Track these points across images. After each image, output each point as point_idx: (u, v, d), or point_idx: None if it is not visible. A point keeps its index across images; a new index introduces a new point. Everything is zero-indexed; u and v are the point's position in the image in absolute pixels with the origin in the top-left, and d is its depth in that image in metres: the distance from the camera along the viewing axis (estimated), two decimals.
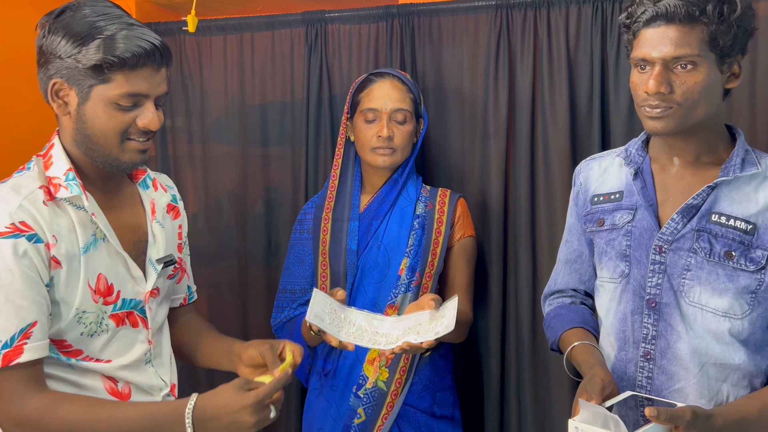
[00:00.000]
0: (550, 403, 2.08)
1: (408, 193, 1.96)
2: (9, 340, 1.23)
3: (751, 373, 1.41)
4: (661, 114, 1.38)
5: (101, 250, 1.35)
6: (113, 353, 1.38)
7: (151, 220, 1.48)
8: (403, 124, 1.90)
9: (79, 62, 1.26)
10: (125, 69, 1.27)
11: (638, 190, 1.49)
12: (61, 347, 1.32)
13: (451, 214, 1.95)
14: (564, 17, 2.01)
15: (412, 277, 1.88)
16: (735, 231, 1.39)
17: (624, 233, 1.50)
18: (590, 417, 1.25)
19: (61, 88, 1.30)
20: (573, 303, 1.69)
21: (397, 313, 1.85)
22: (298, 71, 2.28)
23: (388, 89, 1.90)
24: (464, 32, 2.12)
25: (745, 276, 1.38)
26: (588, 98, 2.01)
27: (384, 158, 1.90)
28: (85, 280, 1.32)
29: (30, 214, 1.27)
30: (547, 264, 2.05)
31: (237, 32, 2.32)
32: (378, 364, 1.85)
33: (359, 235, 1.94)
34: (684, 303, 1.42)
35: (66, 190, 1.31)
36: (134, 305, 1.41)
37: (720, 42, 1.33)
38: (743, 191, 1.41)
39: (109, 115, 1.30)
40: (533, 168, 2.07)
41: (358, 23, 2.20)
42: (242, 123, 2.35)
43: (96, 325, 1.34)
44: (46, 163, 1.36)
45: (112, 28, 1.27)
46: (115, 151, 1.33)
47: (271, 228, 2.36)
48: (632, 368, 1.47)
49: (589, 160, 1.67)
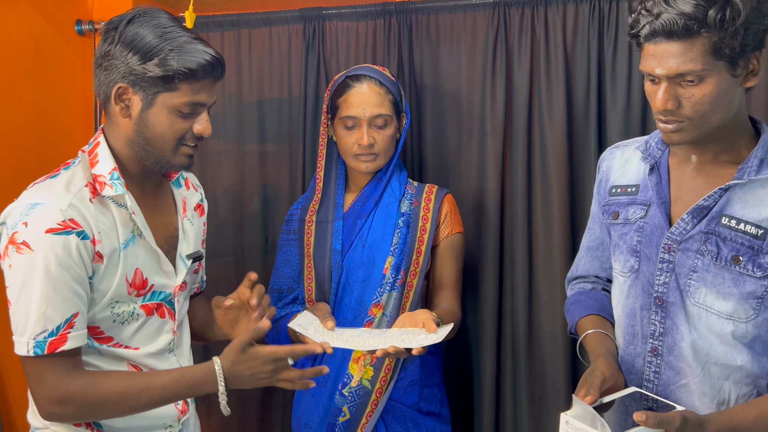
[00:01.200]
0: (545, 400, 2.09)
1: (392, 190, 1.94)
2: (55, 329, 1.33)
3: (755, 374, 1.39)
4: (674, 129, 1.34)
5: (138, 245, 1.45)
6: (141, 341, 1.48)
7: (182, 218, 1.58)
8: (384, 128, 1.87)
9: (148, 71, 1.36)
10: (191, 80, 1.38)
11: (653, 185, 1.47)
12: (94, 333, 1.42)
13: (437, 212, 1.92)
14: (561, 15, 2.02)
15: (397, 275, 1.87)
16: (744, 235, 1.35)
17: (636, 228, 1.49)
18: (581, 414, 1.26)
19: (126, 92, 1.39)
20: (594, 289, 1.69)
21: (382, 312, 1.85)
22: (295, 68, 2.28)
23: (366, 95, 1.86)
24: (462, 30, 2.12)
25: (752, 281, 1.35)
26: (585, 96, 2.02)
27: (367, 164, 1.89)
28: (123, 273, 1.42)
29: (79, 212, 1.36)
30: (544, 261, 2.06)
31: (234, 29, 2.32)
32: (363, 363, 1.85)
33: (343, 234, 1.93)
34: (689, 303, 1.40)
35: (111, 189, 1.40)
36: (164, 297, 1.51)
37: (726, 50, 1.25)
38: (758, 194, 1.35)
39: (171, 121, 1.40)
40: (530, 166, 2.08)
41: (356, 20, 2.20)
42: (239, 120, 2.35)
43: (128, 314, 1.45)
44: (91, 160, 1.45)
45: (180, 41, 1.37)
46: (168, 154, 1.44)
47: (267, 225, 2.36)
48: (640, 362, 1.47)
49: (613, 148, 1.64)
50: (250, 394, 2.40)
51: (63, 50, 2.27)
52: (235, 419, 2.43)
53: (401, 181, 1.96)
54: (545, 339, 2.07)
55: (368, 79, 1.88)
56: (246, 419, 2.41)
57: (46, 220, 1.33)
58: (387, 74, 1.93)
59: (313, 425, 1.91)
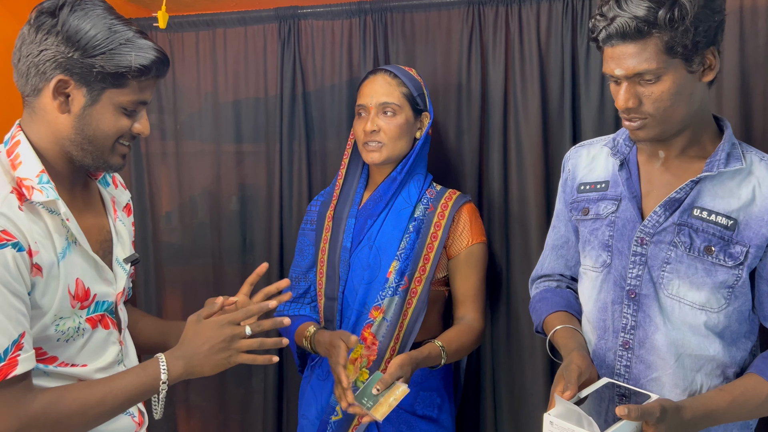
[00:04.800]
0: (525, 396, 2.10)
1: (408, 194, 1.92)
2: (2, 354, 1.19)
3: (725, 364, 1.43)
4: (638, 125, 1.39)
5: (75, 253, 1.32)
6: (88, 357, 1.36)
7: (114, 219, 1.46)
8: (391, 116, 1.87)
9: (95, 65, 1.25)
10: (141, 77, 1.30)
11: (623, 180, 1.50)
12: (37, 354, 1.28)
13: (451, 220, 1.89)
14: (535, 13, 2.03)
15: (401, 280, 1.85)
16: (716, 226, 1.39)
17: (607, 223, 1.51)
18: (565, 412, 1.26)
19: (66, 85, 1.27)
20: (559, 287, 1.71)
21: (383, 316, 1.83)
22: (271, 67, 2.27)
23: (376, 85, 1.89)
24: (437, 28, 2.13)
25: (723, 271, 1.39)
26: (559, 92, 2.03)
27: (372, 154, 1.88)
28: (65, 286, 1.29)
29: (10, 221, 1.21)
30: (521, 257, 2.07)
31: (209, 28, 2.31)
32: (359, 365, 1.83)
33: (354, 232, 1.92)
34: (663, 295, 1.43)
35: (41, 194, 1.25)
36: (106, 307, 1.39)
37: (679, 48, 1.30)
38: (726, 186, 1.41)
39: (116, 119, 1.31)
40: (506, 162, 2.09)
41: (332, 19, 2.20)
42: (216, 120, 2.34)
43: (73, 330, 1.32)
44: (12, 162, 1.28)
45: (128, 35, 1.28)
46: (107, 153, 1.34)
47: (246, 225, 2.36)
48: (611, 356, 1.49)
49: (578, 146, 1.67)
50: (231, 395, 2.39)
51: None
52: (216, 421, 2.42)
53: (421, 185, 1.94)
54: (524, 334, 2.08)
55: (384, 72, 1.92)
56: (227, 421, 2.40)
57: None
58: (410, 72, 1.95)
59: (310, 417, 1.92)
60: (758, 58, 1.86)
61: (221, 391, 2.41)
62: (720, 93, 1.89)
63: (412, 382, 1.83)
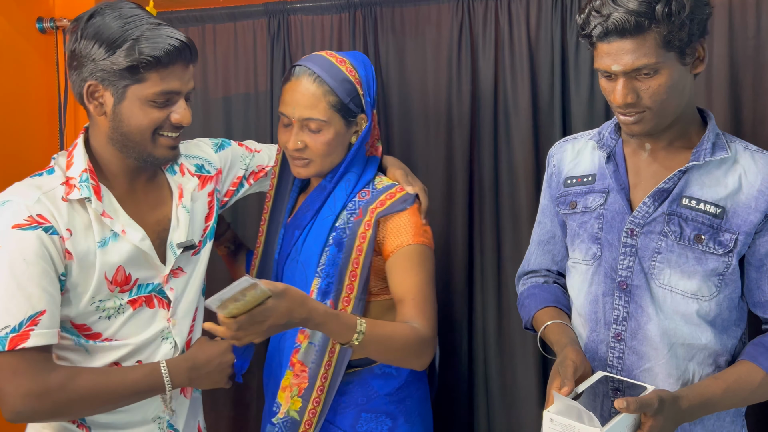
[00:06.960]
0: (517, 391, 2.10)
1: (334, 201, 1.66)
2: (17, 325, 1.31)
3: (717, 352, 1.45)
4: (635, 120, 1.40)
5: (120, 242, 1.43)
6: (129, 332, 1.46)
7: (177, 205, 1.54)
8: (317, 133, 1.62)
9: (114, 64, 1.33)
10: (158, 68, 1.34)
11: (611, 173, 1.51)
12: (82, 330, 1.42)
13: (376, 226, 1.61)
14: (525, 7, 2.03)
15: (323, 301, 1.59)
16: (704, 215, 1.41)
17: (596, 216, 1.52)
18: (564, 409, 1.26)
19: (96, 89, 1.37)
20: (546, 282, 1.71)
21: (308, 341, 1.62)
22: (261, 63, 2.26)
23: (298, 93, 1.62)
24: (427, 22, 2.12)
25: (714, 259, 1.41)
26: (549, 86, 2.03)
27: (299, 170, 1.66)
28: (101, 272, 1.40)
29: (47, 208, 1.35)
30: (512, 252, 2.07)
31: (198, 24, 2.30)
32: (290, 394, 1.65)
33: (283, 244, 1.74)
34: (654, 285, 1.44)
35: (78, 191, 1.38)
36: (152, 289, 1.49)
37: (676, 42, 1.32)
38: (713, 175, 1.43)
39: (145, 113, 1.38)
40: (497, 157, 2.09)
41: (321, 14, 2.19)
42: (206, 116, 2.33)
43: (114, 309, 1.43)
44: (68, 162, 1.44)
45: (143, 28, 1.34)
46: (149, 146, 1.41)
47: (237, 221, 2.35)
48: (603, 349, 1.50)
49: (562, 141, 1.68)
50: (222, 390, 2.39)
51: (24, 48, 2.23)
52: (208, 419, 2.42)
53: (351, 188, 1.67)
54: (515, 330, 2.08)
55: (307, 74, 1.62)
56: (218, 418, 2.39)
57: (12, 216, 1.33)
58: (341, 69, 1.65)
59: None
60: (747, 50, 1.87)
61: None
62: (710, 86, 1.89)
63: (352, 403, 1.67)
